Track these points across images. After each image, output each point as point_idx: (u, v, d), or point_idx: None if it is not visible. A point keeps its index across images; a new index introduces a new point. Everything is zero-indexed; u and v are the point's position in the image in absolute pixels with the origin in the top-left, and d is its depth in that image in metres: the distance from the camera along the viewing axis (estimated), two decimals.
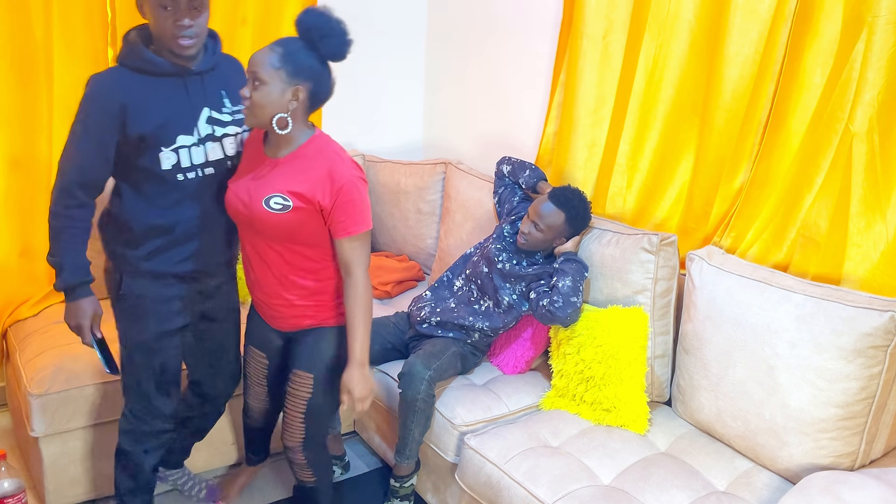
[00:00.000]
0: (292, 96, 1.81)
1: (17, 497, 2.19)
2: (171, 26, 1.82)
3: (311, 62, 1.81)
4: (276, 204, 1.87)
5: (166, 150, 1.90)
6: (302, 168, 1.88)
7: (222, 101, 1.99)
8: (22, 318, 2.66)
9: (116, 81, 1.87)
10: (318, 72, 1.82)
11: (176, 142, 1.90)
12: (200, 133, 1.94)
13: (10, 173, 2.63)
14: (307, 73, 1.81)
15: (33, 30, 2.53)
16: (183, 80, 1.91)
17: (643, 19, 2.44)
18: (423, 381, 2.26)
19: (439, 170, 3.23)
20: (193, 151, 1.93)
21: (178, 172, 1.93)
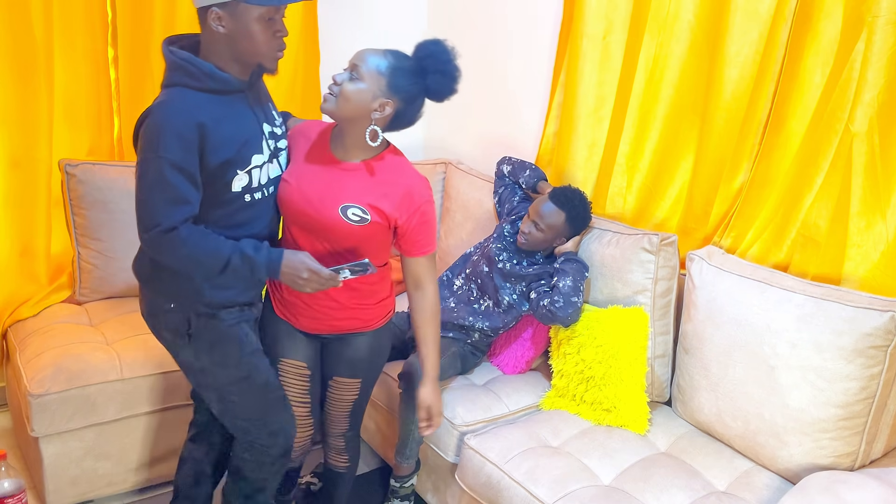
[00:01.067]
0: (379, 107, 1.76)
1: (17, 497, 2.19)
2: (270, 38, 1.65)
3: (412, 86, 1.77)
4: (353, 215, 1.80)
5: (241, 173, 1.73)
6: (381, 182, 1.83)
7: (273, 115, 1.87)
8: (22, 318, 2.66)
9: (186, 102, 1.64)
10: (413, 97, 1.79)
11: (251, 162, 1.75)
12: (269, 150, 1.80)
13: (10, 173, 2.63)
14: (403, 94, 1.77)
15: (33, 30, 2.53)
16: (245, 96, 1.75)
17: (643, 19, 2.44)
18: None
19: (439, 170, 3.23)
20: (262, 171, 1.79)
21: (247, 193, 1.77)
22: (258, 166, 1.77)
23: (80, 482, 2.41)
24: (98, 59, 2.72)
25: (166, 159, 1.60)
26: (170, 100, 1.65)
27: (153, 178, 1.62)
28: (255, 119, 1.77)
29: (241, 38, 1.64)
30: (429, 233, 1.88)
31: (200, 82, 1.66)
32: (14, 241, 2.69)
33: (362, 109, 1.76)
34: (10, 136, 2.60)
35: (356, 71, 1.75)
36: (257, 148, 1.76)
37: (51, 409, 2.28)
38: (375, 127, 1.78)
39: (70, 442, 2.36)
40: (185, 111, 1.62)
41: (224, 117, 1.68)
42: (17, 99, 2.57)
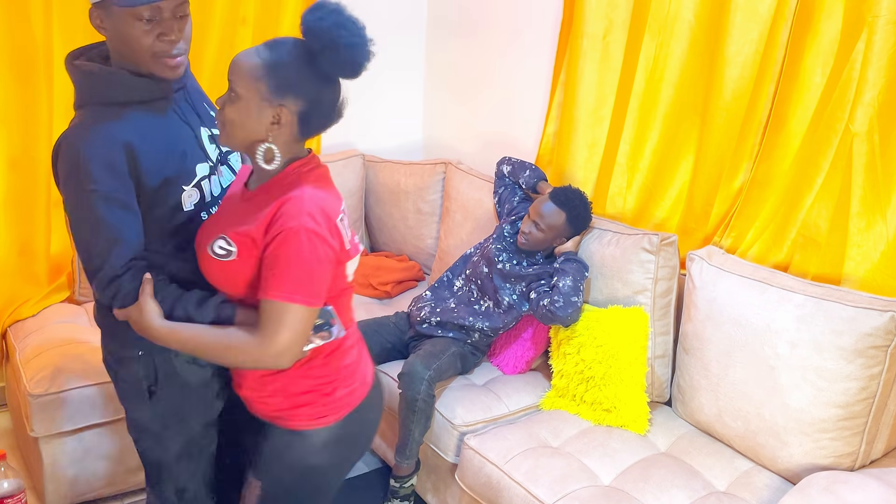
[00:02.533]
0: (273, 118, 1.36)
1: (17, 497, 2.19)
2: (153, 42, 1.40)
3: (302, 76, 1.36)
4: (219, 249, 1.41)
5: (188, 188, 1.49)
6: (262, 202, 1.40)
7: (211, 116, 1.62)
8: (22, 318, 2.66)
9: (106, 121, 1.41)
10: (311, 90, 1.36)
11: (196, 173, 1.51)
12: (211, 157, 1.56)
13: (10, 173, 2.63)
14: (296, 90, 1.36)
15: (33, 30, 2.53)
16: (172, 103, 1.52)
17: (643, 19, 2.44)
18: (423, 381, 2.26)
19: (439, 170, 3.23)
20: (212, 181, 1.56)
21: (202, 210, 1.54)
22: (206, 177, 1.53)
23: (80, 482, 2.41)
24: None
25: (97, 193, 1.37)
26: (86, 122, 1.42)
27: (87, 217, 1.40)
28: (189, 125, 1.54)
29: (121, 43, 1.42)
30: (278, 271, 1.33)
31: (115, 94, 1.43)
32: (14, 241, 2.69)
33: (256, 129, 1.37)
34: (9, 136, 2.60)
35: (231, 87, 1.37)
36: (199, 157, 1.52)
37: (51, 409, 2.28)
38: (270, 145, 1.38)
39: (70, 442, 2.36)
40: (105, 133, 1.39)
41: (152, 130, 1.45)
42: (16, 99, 2.57)
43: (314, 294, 1.36)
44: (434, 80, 3.63)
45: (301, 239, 1.33)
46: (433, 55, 3.60)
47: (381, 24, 3.50)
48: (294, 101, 1.36)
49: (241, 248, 1.39)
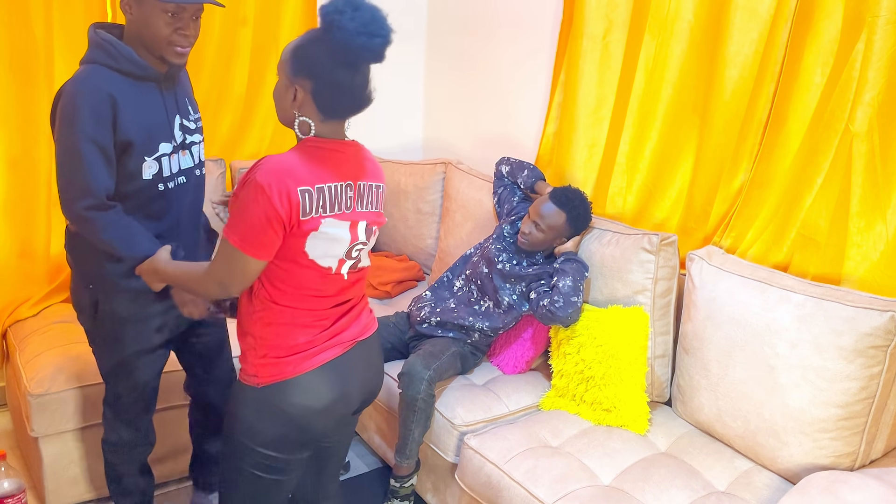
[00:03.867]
0: (292, 95, 1.52)
1: (17, 497, 2.19)
2: (171, 33, 1.73)
3: (314, 57, 1.49)
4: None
5: (149, 160, 1.79)
6: None
7: (188, 108, 1.92)
8: (22, 318, 2.66)
9: (101, 80, 1.71)
10: (320, 69, 1.49)
11: (158, 150, 1.81)
12: (176, 140, 1.85)
13: (10, 174, 2.63)
14: (307, 70, 1.50)
15: (33, 30, 2.53)
16: (158, 86, 1.82)
17: (643, 19, 2.44)
18: (423, 381, 2.26)
19: (439, 170, 3.23)
20: (172, 160, 1.85)
21: (160, 182, 1.83)
22: (166, 154, 1.82)
23: (80, 482, 2.41)
24: None
25: (82, 133, 1.67)
26: (85, 76, 1.72)
27: (70, 152, 1.69)
28: (164, 109, 1.82)
29: (144, 27, 1.73)
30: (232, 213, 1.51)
31: (117, 63, 1.73)
32: (14, 241, 2.69)
33: (284, 105, 1.55)
34: (9, 137, 2.60)
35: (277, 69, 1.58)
36: (165, 136, 1.81)
37: (51, 409, 2.28)
38: (302, 118, 1.53)
39: (70, 442, 2.36)
40: (98, 87, 1.69)
41: (134, 100, 1.74)
42: (17, 99, 2.57)
43: (246, 240, 1.48)
44: (434, 80, 3.63)
45: (248, 189, 1.48)
46: (433, 55, 3.60)
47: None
48: (306, 80, 1.50)
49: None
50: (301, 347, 1.59)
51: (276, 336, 1.59)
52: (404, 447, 2.33)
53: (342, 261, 1.60)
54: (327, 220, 1.53)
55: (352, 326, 1.67)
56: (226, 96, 3.07)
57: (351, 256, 1.61)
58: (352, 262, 1.62)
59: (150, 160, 1.79)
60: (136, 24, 1.74)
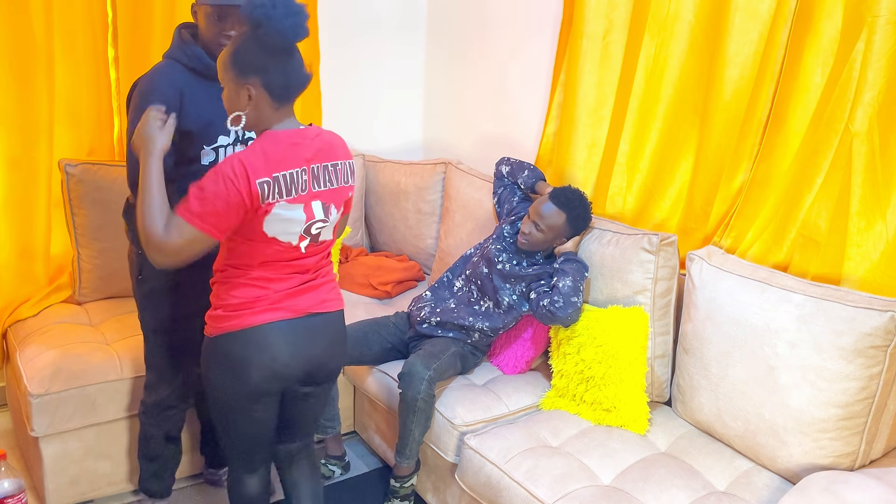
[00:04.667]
0: (246, 97, 1.66)
1: (17, 497, 2.18)
2: (217, 34, 1.97)
3: (254, 55, 1.63)
4: None
5: (207, 149, 2.02)
6: None
7: None
8: (22, 318, 2.66)
9: (173, 73, 1.98)
10: (264, 63, 1.63)
11: (217, 141, 2.03)
12: (234, 134, 2.08)
13: (10, 174, 2.63)
14: (252, 69, 1.63)
15: (33, 30, 2.53)
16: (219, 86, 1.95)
17: (643, 19, 2.44)
18: (423, 381, 2.26)
19: (439, 170, 3.23)
20: (229, 151, 2.07)
21: None
22: (223, 146, 2.04)
23: (80, 482, 2.41)
24: (98, 59, 2.72)
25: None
26: (160, 68, 2.00)
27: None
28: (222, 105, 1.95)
29: (202, 31, 2.00)
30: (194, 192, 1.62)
31: (189, 61, 2.00)
32: (14, 241, 2.69)
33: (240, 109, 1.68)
34: (9, 137, 2.60)
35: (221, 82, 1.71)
36: (225, 130, 2.03)
37: (51, 409, 2.28)
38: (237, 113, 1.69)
39: (70, 442, 2.36)
40: (170, 78, 1.96)
41: (200, 95, 1.98)
42: (17, 99, 2.57)
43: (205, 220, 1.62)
44: (434, 80, 3.63)
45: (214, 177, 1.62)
46: (433, 56, 3.60)
47: (382, 24, 3.51)
48: (254, 77, 1.64)
49: None
50: (249, 305, 1.74)
51: (229, 291, 1.75)
52: (404, 447, 2.33)
53: (301, 237, 1.74)
54: (280, 203, 1.67)
55: (305, 296, 1.80)
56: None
57: (310, 233, 1.75)
58: (311, 238, 1.77)
59: (209, 149, 2.02)
60: (199, 29, 2.03)
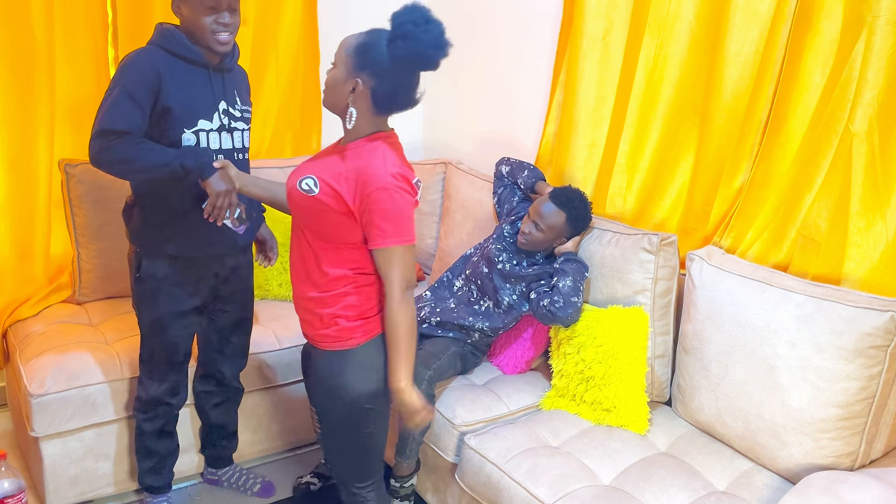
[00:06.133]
0: (351, 87, 1.71)
1: (17, 497, 2.19)
2: (212, 23, 1.99)
3: (379, 58, 1.67)
4: (304, 185, 1.76)
5: (188, 132, 2.04)
6: (345, 164, 1.75)
7: (235, 98, 2.16)
8: (22, 318, 2.66)
9: (154, 54, 2.01)
10: (382, 70, 1.68)
11: (197, 125, 2.05)
12: (216, 123, 2.10)
13: (10, 174, 2.63)
14: (371, 69, 1.68)
15: (34, 30, 2.53)
16: (208, 72, 2.08)
17: (643, 19, 2.44)
18: (423, 381, 2.26)
19: (439, 170, 3.23)
20: (211, 136, 2.09)
21: None
22: (205, 130, 2.07)
23: (80, 482, 2.41)
24: (99, 59, 2.72)
25: (124, 87, 1.94)
26: (142, 50, 2.02)
27: (110, 99, 1.94)
28: (211, 92, 2.08)
29: (191, 23, 2.01)
30: (379, 223, 1.69)
31: (172, 46, 2.02)
32: (14, 241, 2.69)
33: (339, 94, 1.73)
34: (10, 136, 2.60)
35: (335, 58, 1.76)
36: (206, 115, 2.07)
37: (51, 409, 2.28)
38: (352, 109, 1.73)
39: (70, 442, 2.36)
40: (150, 59, 2.00)
41: (181, 78, 2.01)
42: (17, 99, 2.58)
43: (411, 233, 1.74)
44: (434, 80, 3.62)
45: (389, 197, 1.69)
46: None
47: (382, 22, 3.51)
48: (369, 77, 1.69)
49: (322, 190, 1.73)
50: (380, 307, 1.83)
51: (367, 299, 1.80)
52: (404, 447, 2.33)
53: None
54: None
55: None
56: None
57: None
58: None
59: (189, 132, 2.04)
60: (185, 22, 2.03)
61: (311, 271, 1.81)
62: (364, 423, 1.84)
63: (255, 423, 2.70)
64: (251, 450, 2.73)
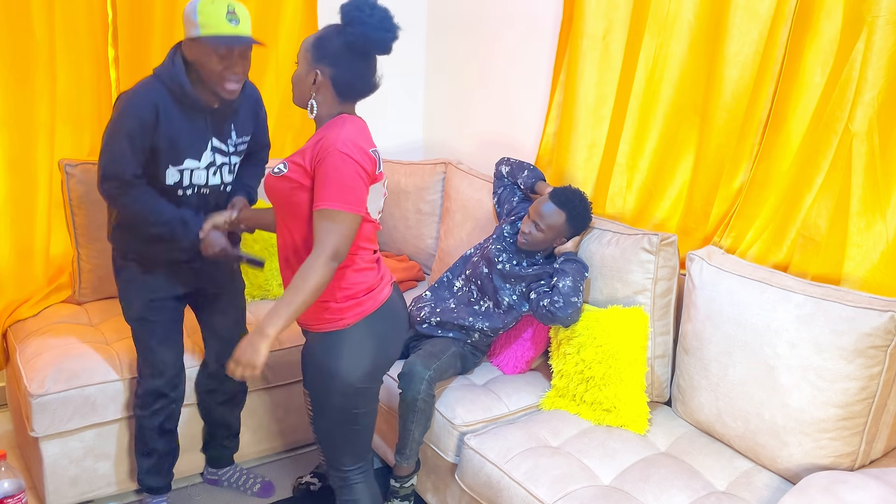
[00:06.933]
0: (313, 78, 1.79)
1: (17, 497, 2.18)
2: (222, 70, 1.99)
3: (334, 47, 1.77)
4: (276, 169, 1.82)
5: (173, 169, 2.09)
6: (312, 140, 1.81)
7: (231, 133, 2.19)
8: (22, 319, 2.66)
9: (154, 93, 2.02)
10: (338, 58, 1.77)
11: (183, 163, 2.10)
12: (204, 161, 2.14)
13: (10, 174, 2.63)
14: (329, 59, 1.77)
15: (34, 30, 2.53)
16: (203, 114, 2.10)
17: (643, 19, 2.44)
18: (423, 381, 2.26)
19: (439, 170, 3.23)
20: (195, 174, 2.14)
21: (179, 189, 2.14)
22: (191, 169, 2.13)
23: (80, 482, 2.42)
24: (99, 59, 2.72)
25: (122, 129, 2.00)
26: (142, 87, 2.05)
27: (111, 141, 2.03)
28: (204, 131, 2.11)
29: (200, 66, 2.01)
30: (322, 185, 1.72)
31: (174, 88, 2.03)
32: (14, 241, 2.69)
33: (303, 88, 1.82)
34: (10, 136, 2.60)
35: (297, 59, 1.85)
36: (194, 154, 2.11)
37: (51, 409, 2.28)
38: (313, 101, 1.82)
39: (70, 442, 2.36)
40: (149, 98, 2.01)
41: (176, 119, 2.04)
42: (18, 99, 2.57)
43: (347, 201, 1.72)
44: (434, 80, 3.63)
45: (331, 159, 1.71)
46: (433, 55, 3.60)
47: None
48: (327, 66, 1.78)
49: (290, 168, 1.79)
50: (374, 285, 1.88)
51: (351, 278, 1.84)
52: (404, 447, 2.33)
53: (380, 212, 1.92)
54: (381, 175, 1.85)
55: (387, 270, 1.99)
56: None
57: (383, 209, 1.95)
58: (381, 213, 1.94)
59: (174, 169, 2.10)
60: (194, 62, 2.02)
61: (296, 259, 1.85)
62: (355, 403, 1.87)
63: (255, 423, 2.70)
64: (251, 450, 2.73)
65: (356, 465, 1.98)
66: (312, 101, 1.82)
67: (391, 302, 1.94)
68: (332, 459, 1.98)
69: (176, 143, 2.05)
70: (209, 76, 2.00)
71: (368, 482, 2.02)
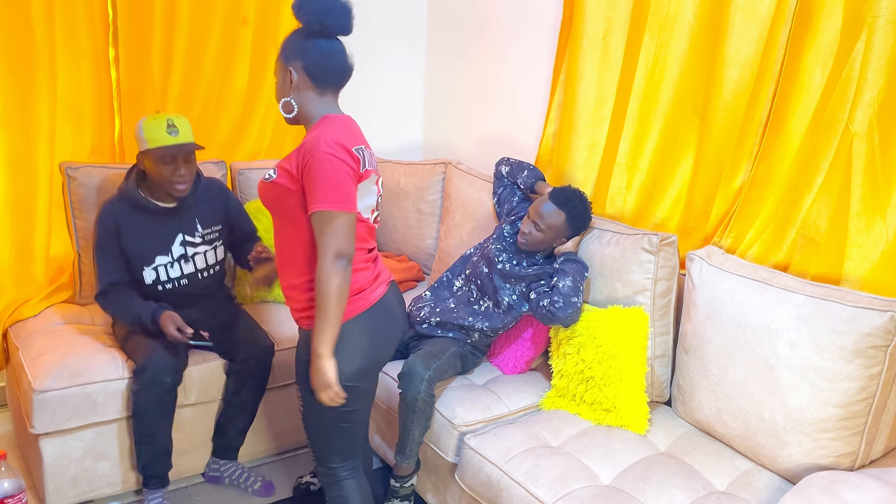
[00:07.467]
0: (289, 79, 1.84)
1: (17, 497, 2.19)
2: (169, 174, 2.33)
3: (296, 41, 1.84)
4: (266, 175, 1.86)
5: (147, 269, 2.42)
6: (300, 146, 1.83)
7: (196, 227, 2.48)
8: (22, 319, 2.66)
9: (114, 207, 2.38)
10: (304, 48, 1.82)
11: (154, 262, 2.42)
12: (175, 255, 2.44)
13: (10, 174, 2.63)
14: (295, 52, 1.83)
15: (34, 30, 2.53)
16: (164, 214, 2.41)
17: (643, 19, 2.44)
18: (423, 381, 2.26)
19: (439, 170, 3.23)
20: (170, 268, 2.44)
21: (159, 284, 2.44)
22: (163, 265, 2.43)
23: (80, 482, 2.42)
24: (99, 59, 2.72)
25: (97, 244, 2.38)
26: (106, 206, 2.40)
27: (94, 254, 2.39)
28: (168, 230, 2.43)
29: (151, 173, 2.36)
30: (312, 187, 1.74)
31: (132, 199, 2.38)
32: (14, 242, 2.69)
33: (284, 93, 1.87)
34: (10, 137, 2.60)
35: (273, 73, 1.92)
36: (162, 251, 2.43)
37: (52, 406, 2.28)
38: (287, 99, 1.86)
39: (70, 442, 2.36)
40: (111, 214, 2.38)
41: (137, 225, 2.39)
42: (18, 100, 2.58)
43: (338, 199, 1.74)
44: (434, 80, 3.63)
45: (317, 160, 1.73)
46: (433, 55, 3.60)
47: (381, 24, 3.51)
48: (297, 60, 1.83)
49: (279, 174, 1.82)
50: (368, 283, 1.90)
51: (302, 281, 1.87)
52: (404, 447, 2.33)
53: (373, 210, 1.93)
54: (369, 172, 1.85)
55: (383, 269, 2.00)
56: (226, 96, 3.07)
57: (377, 207, 1.95)
58: (376, 212, 1.95)
59: (149, 269, 2.42)
60: (147, 171, 2.37)
61: (290, 258, 1.87)
62: (347, 400, 1.85)
63: (256, 423, 2.70)
64: (251, 450, 2.74)
65: (344, 462, 1.99)
66: (291, 100, 1.85)
67: (385, 301, 1.94)
68: (320, 455, 1.99)
69: (142, 245, 2.38)
70: (161, 180, 2.34)
71: (358, 479, 2.02)
